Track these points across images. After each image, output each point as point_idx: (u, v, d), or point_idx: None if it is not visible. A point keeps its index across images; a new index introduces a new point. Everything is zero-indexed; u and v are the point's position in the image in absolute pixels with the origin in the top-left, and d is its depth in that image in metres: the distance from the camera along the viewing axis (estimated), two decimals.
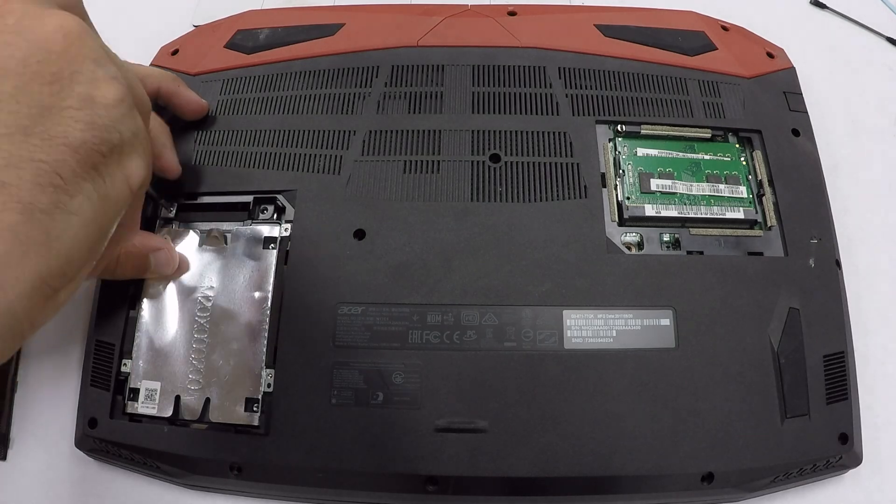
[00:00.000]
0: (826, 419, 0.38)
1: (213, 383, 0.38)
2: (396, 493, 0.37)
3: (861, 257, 0.46)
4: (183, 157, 0.44)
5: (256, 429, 0.38)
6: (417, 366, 0.38)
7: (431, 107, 0.45)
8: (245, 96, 0.46)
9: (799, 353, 0.39)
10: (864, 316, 0.44)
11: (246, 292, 0.40)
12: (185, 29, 0.56)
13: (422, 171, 0.43)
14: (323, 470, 0.37)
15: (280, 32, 0.49)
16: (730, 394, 0.38)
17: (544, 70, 0.46)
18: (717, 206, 0.43)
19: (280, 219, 0.42)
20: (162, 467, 0.38)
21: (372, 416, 0.37)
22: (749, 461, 0.37)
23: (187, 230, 0.42)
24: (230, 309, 0.40)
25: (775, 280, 0.40)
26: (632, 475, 0.36)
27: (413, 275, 0.40)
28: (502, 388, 0.37)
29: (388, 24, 0.49)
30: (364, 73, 0.46)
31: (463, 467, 0.36)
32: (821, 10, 0.58)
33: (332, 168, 0.43)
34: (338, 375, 0.38)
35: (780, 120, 0.46)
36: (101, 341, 0.40)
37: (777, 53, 0.50)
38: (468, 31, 0.49)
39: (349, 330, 0.39)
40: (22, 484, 0.41)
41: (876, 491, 0.40)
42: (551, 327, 0.39)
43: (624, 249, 0.41)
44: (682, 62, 0.47)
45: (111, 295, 0.41)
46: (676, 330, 0.39)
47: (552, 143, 0.44)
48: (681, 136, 0.45)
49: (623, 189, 0.43)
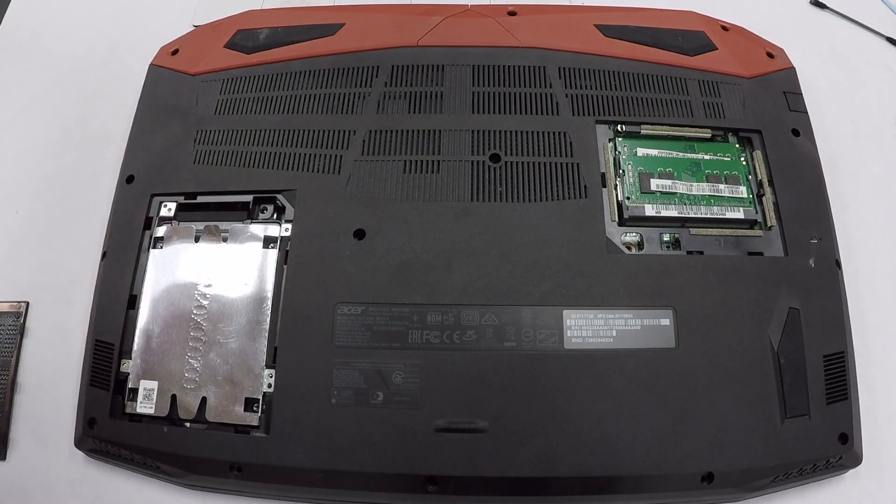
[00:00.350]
0: (826, 419, 0.38)
1: (211, 382, 0.38)
2: (396, 493, 0.37)
3: (861, 257, 0.46)
4: (183, 157, 0.44)
5: (256, 429, 0.38)
6: (417, 366, 0.38)
7: (431, 107, 0.45)
8: (245, 96, 0.46)
9: (799, 353, 0.39)
10: (864, 316, 0.44)
11: (245, 292, 0.40)
12: (185, 29, 0.56)
13: (422, 171, 0.43)
14: (323, 470, 0.37)
15: (280, 32, 0.49)
16: (730, 394, 0.38)
17: (544, 70, 0.46)
18: (717, 206, 0.43)
19: (280, 218, 0.42)
20: (162, 467, 0.38)
21: (372, 416, 0.37)
22: (749, 461, 0.37)
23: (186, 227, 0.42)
24: (229, 308, 0.40)
25: (775, 280, 0.40)
26: (632, 475, 0.36)
27: (413, 275, 0.40)
28: (502, 389, 0.37)
29: (388, 24, 0.49)
30: (364, 73, 0.46)
31: (463, 467, 0.36)
32: (821, 10, 0.58)
33: (332, 168, 0.43)
34: (338, 375, 0.38)
35: (780, 120, 0.46)
36: (100, 341, 0.40)
37: (777, 53, 0.50)
38: (468, 31, 0.49)
39: (349, 330, 0.39)
40: (22, 484, 0.41)
41: (876, 491, 0.40)
42: (551, 327, 0.39)
43: (624, 249, 0.41)
44: (682, 62, 0.47)
45: (111, 295, 0.41)
46: (676, 330, 0.39)
47: (552, 143, 0.44)
48: (681, 136, 0.45)
49: (623, 189, 0.43)
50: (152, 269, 0.41)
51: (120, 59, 0.55)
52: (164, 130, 0.46)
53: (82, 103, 0.53)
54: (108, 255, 0.42)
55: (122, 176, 0.45)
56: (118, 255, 0.42)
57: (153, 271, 0.41)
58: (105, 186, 0.48)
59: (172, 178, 0.44)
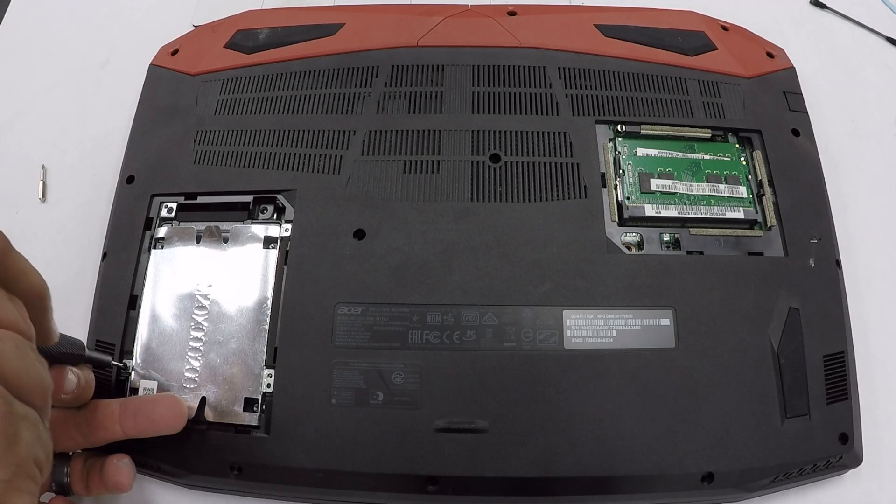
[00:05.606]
0: (826, 419, 0.38)
1: (211, 382, 0.38)
2: (396, 493, 0.37)
3: (861, 257, 0.46)
4: (183, 157, 0.44)
5: (256, 429, 0.38)
6: (417, 366, 0.38)
7: (431, 107, 0.45)
8: (245, 96, 0.46)
9: (799, 353, 0.39)
10: (864, 316, 0.44)
11: (245, 292, 0.40)
12: (185, 29, 0.56)
13: (422, 171, 0.43)
14: (323, 470, 0.37)
15: (280, 32, 0.49)
16: (730, 394, 0.38)
17: (544, 70, 0.46)
18: (717, 206, 0.43)
19: (280, 219, 0.42)
20: (162, 467, 0.38)
21: (372, 416, 0.37)
22: (749, 461, 0.37)
23: (186, 227, 0.42)
24: (229, 308, 0.40)
25: (775, 280, 0.40)
26: (632, 475, 0.36)
27: (413, 275, 0.40)
28: (502, 389, 0.37)
29: (388, 24, 0.49)
30: (364, 73, 0.46)
31: (463, 467, 0.36)
32: (821, 10, 0.58)
33: (331, 168, 0.43)
34: (338, 375, 0.38)
35: (780, 120, 0.46)
36: (101, 341, 0.40)
37: (777, 53, 0.50)
38: (468, 31, 0.49)
39: (349, 330, 0.39)
40: None
41: (876, 491, 0.40)
42: (551, 327, 0.39)
43: (624, 249, 0.41)
44: (682, 62, 0.47)
45: (111, 295, 0.41)
46: (676, 330, 0.39)
47: (552, 143, 0.44)
48: (681, 136, 0.45)
49: (623, 189, 0.43)
50: (153, 269, 0.41)
51: (120, 59, 0.55)
52: (164, 130, 0.46)
53: (82, 103, 0.53)
54: (109, 256, 0.42)
55: (122, 176, 0.45)
56: (118, 255, 0.42)
57: (153, 272, 0.41)
58: (105, 186, 0.48)
59: (172, 179, 0.44)
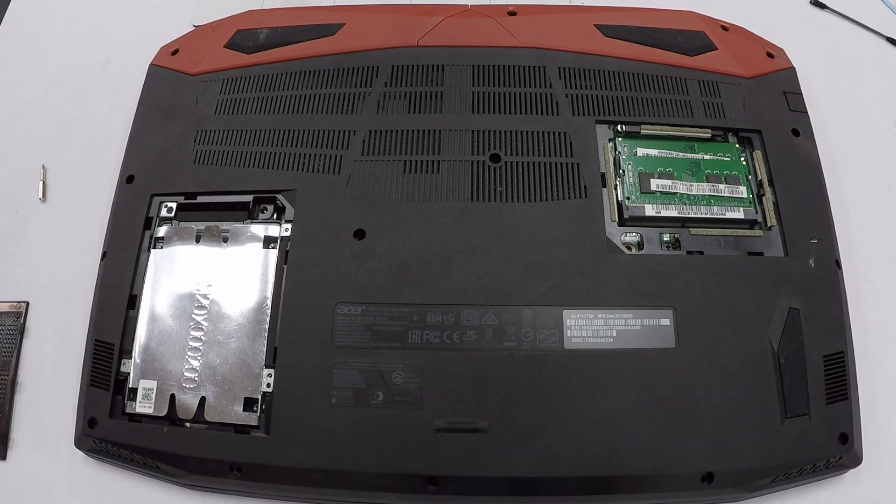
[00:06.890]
0: (826, 419, 0.38)
1: (210, 382, 0.38)
2: (396, 493, 0.37)
3: (861, 257, 0.46)
4: (183, 157, 0.44)
5: (256, 429, 0.38)
6: (417, 366, 0.38)
7: (431, 107, 0.45)
8: (245, 96, 0.46)
9: (799, 353, 0.39)
10: (864, 316, 0.44)
11: (245, 292, 0.40)
12: (185, 29, 0.56)
13: (422, 171, 0.43)
14: (323, 470, 0.37)
15: (280, 32, 0.49)
16: (730, 394, 0.38)
17: (544, 70, 0.46)
18: (717, 206, 0.43)
19: (280, 218, 0.42)
20: (162, 467, 0.38)
21: (372, 416, 0.37)
22: (749, 461, 0.37)
23: (186, 227, 0.42)
24: (229, 308, 0.40)
25: (775, 280, 0.40)
26: (632, 475, 0.36)
27: (413, 275, 0.40)
28: (502, 388, 0.37)
29: (388, 24, 0.49)
30: (364, 73, 0.46)
31: (463, 467, 0.36)
32: (821, 10, 0.58)
33: (331, 168, 0.43)
34: (338, 375, 0.38)
35: (780, 120, 0.46)
36: (100, 341, 0.40)
37: (777, 53, 0.50)
38: (468, 31, 0.49)
39: (349, 330, 0.39)
40: (22, 484, 0.41)
41: (876, 491, 0.40)
42: (551, 327, 0.39)
43: (624, 249, 0.41)
44: (682, 62, 0.47)
45: (111, 295, 0.41)
46: (676, 330, 0.39)
47: (552, 143, 0.44)
48: (681, 136, 0.45)
49: (623, 189, 0.43)
50: (152, 269, 0.41)
51: (120, 59, 0.55)
52: (164, 130, 0.46)
53: (82, 103, 0.53)
54: (109, 255, 0.42)
55: (122, 176, 0.45)
56: (118, 255, 0.42)
57: (153, 271, 0.41)
58: (105, 186, 0.48)
59: (172, 178, 0.44)
